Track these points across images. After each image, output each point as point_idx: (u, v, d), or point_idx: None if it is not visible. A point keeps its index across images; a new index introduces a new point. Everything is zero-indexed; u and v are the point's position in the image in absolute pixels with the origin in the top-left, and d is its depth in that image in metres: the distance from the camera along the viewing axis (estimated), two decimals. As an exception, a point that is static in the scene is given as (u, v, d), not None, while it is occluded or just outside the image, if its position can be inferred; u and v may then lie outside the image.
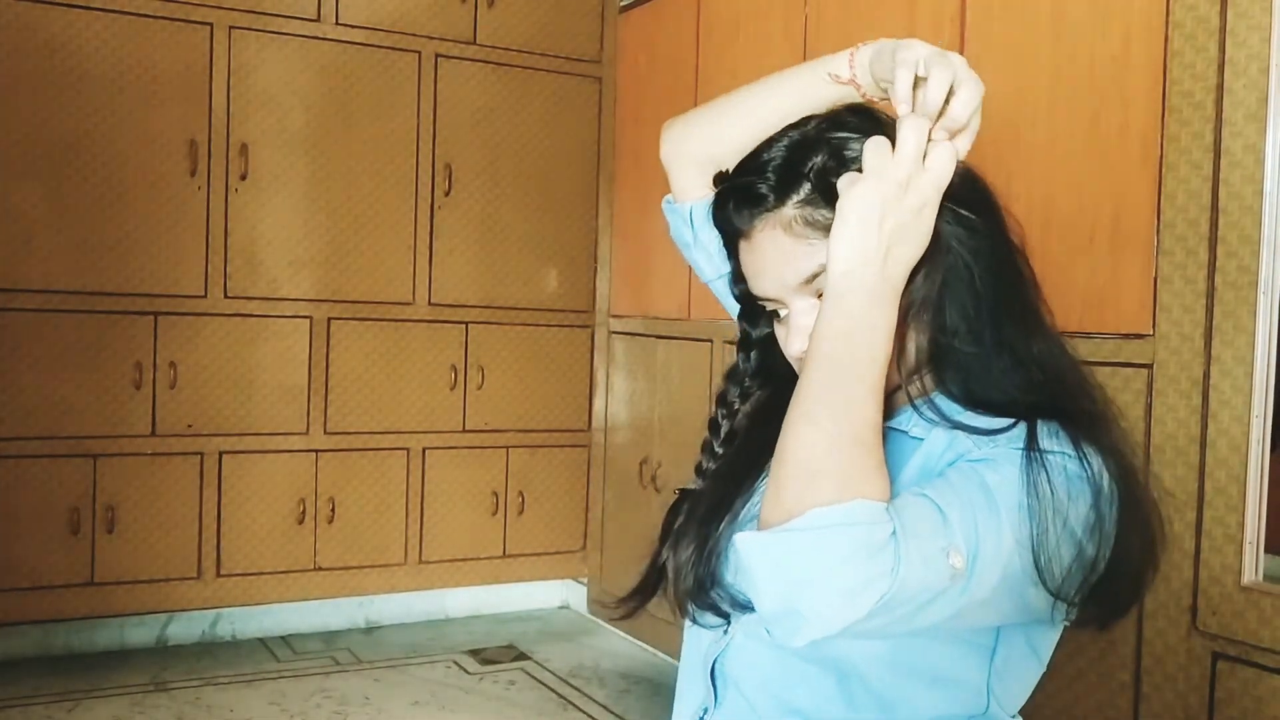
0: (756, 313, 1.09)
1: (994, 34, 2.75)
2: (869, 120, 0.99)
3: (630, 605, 1.14)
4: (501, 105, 4.38)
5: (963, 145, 0.94)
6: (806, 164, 0.97)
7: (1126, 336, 2.40)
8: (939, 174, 0.91)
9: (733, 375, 1.15)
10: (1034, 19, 2.64)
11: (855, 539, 0.81)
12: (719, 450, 1.14)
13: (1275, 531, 2.24)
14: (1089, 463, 0.92)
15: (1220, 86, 2.23)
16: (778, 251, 0.98)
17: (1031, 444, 0.91)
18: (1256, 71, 2.17)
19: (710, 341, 3.80)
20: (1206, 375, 2.25)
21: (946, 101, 0.92)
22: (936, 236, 0.94)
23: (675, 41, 4.05)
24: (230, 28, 3.92)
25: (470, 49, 4.31)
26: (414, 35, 4.21)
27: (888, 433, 0.97)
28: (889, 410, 1.02)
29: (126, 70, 3.78)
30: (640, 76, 4.29)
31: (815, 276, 0.97)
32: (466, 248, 4.35)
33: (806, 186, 0.96)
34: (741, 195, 0.99)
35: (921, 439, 0.98)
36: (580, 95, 4.53)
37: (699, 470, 1.14)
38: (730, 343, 1.21)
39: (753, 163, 1.00)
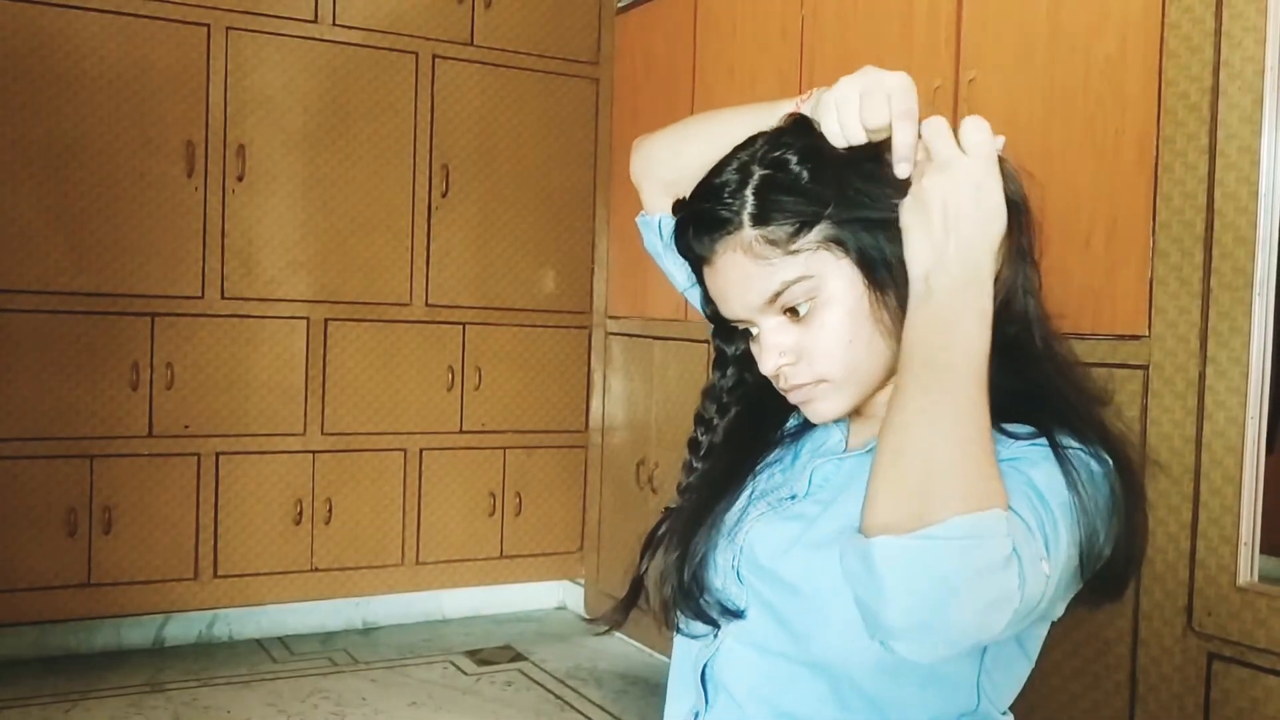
0: (730, 331, 1.09)
1: (990, 36, 2.75)
2: (809, 131, 0.98)
3: (614, 619, 1.13)
4: (499, 106, 4.38)
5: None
6: (754, 182, 0.97)
7: (1122, 338, 2.40)
8: (980, 149, 0.90)
9: (710, 393, 1.15)
10: (1030, 21, 2.64)
11: (994, 552, 0.78)
12: (697, 466, 1.14)
13: (1271, 532, 2.24)
14: (1103, 458, 0.93)
15: (1215, 89, 2.23)
16: (740, 274, 0.98)
17: (1054, 441, 0.92)
18: (1251, 74, 2.17)
19: (707, 343, 3.79)
20: (1202, 376, 2.25)
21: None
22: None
23: (672, 43, 4.06)
24: (227, 28, 3.92)
25: (467, 50, 4.32)
26: (411, 36, 4.21)
27: None
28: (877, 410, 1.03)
29: (123, 71, 3.78)
30: (637, 77, 4.30)
31: (778, 295, 0.97)
32: (464, 248, 4.35)
33: (757, 203, 0.96)
34: (699, 221, 1.00)
35: None
36: (577, 96, 4.53)
37: (681, 489, 1.14)
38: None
39: (707, 187, 1.00)
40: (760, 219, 0.96)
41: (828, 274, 0.96)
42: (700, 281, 1.05)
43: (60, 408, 3.74)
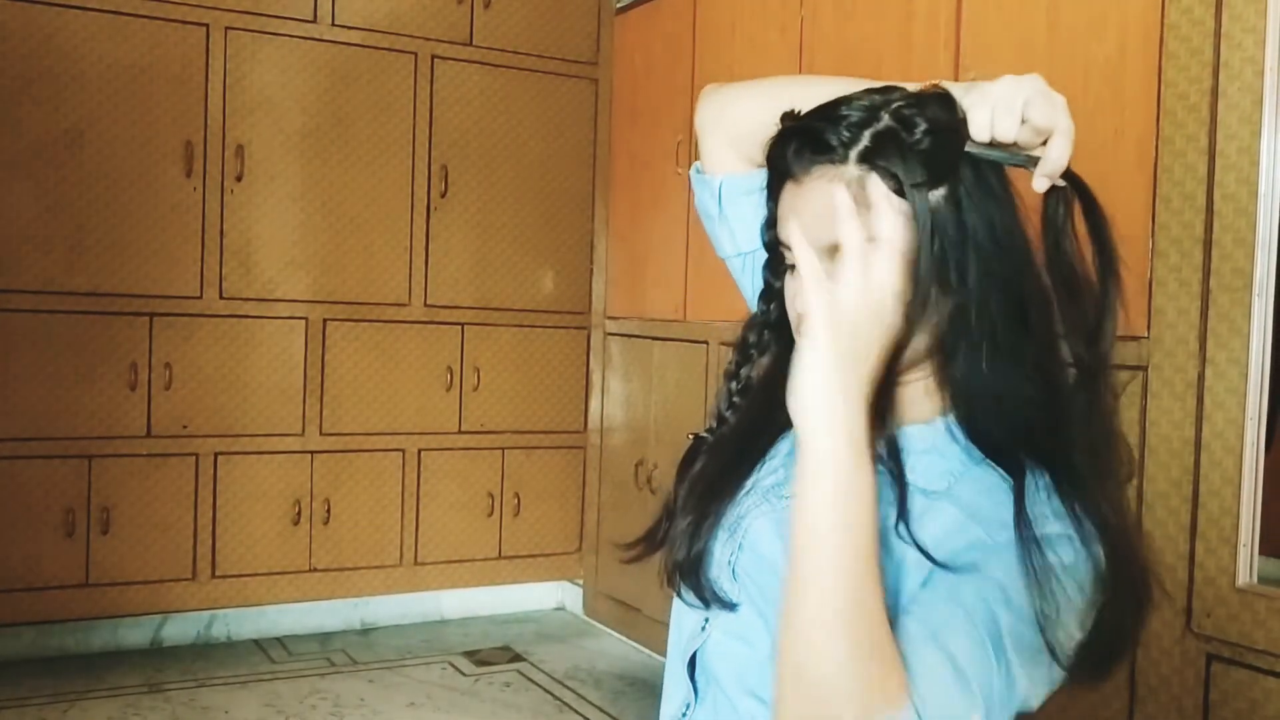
0: (780, 264, 1.06)
1: (989, 37, 2.75)
2: (949, 111, 0.96)
3: (638, 550, 1.11)
4: (498, 106, 4.38)
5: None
6: (878, 125, 0.94)
7: (1121, 339, 2.40)
8: (890, 247, 0.89)
9: (751, 324, 1.13)
10: (1030, 21, 2.64)
11: None
12: (736, 400, 1.12)
13: (1270, 534, 2.24)
14: (1084, 527, 0.90)
15: (1215, 90, 2.23)
16: (823, 206, 0.94)
17: (1023, 527, 0.89)
18: (1251, 74, 2.17)
19: (706, 343, 3.80)
20: (1201, 378, 2.25)
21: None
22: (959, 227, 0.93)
23: (671, 43, 4.06)
24: (226, 28, 3.92)
25: (466, 50, 4.31)
26: (410, 36, 4.21)
27: (905, 454, 0.97)
28: (902, 411, 1.00)
29: (122, 71, 3.78)
30: (636, 78, 4.29)
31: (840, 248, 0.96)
32: (462, 249, 4.35)
33: (872, 146, 0.93)
34: (807, 137, 0.96)
35: (928, 491, 0.96)
36: (576, 96, 4.53)
37: (715, 416, 1.13)
38: (726, 344, 1.20)
39: (829, 110, 0.96)
40: (868, 162, 0.93)
41: (901, 241, 0.92)
42: (772, 197, 1.02)
43: (58, 408, 3.73)
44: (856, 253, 0.87)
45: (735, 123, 1.13)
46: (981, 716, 0.83)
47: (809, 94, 1.01)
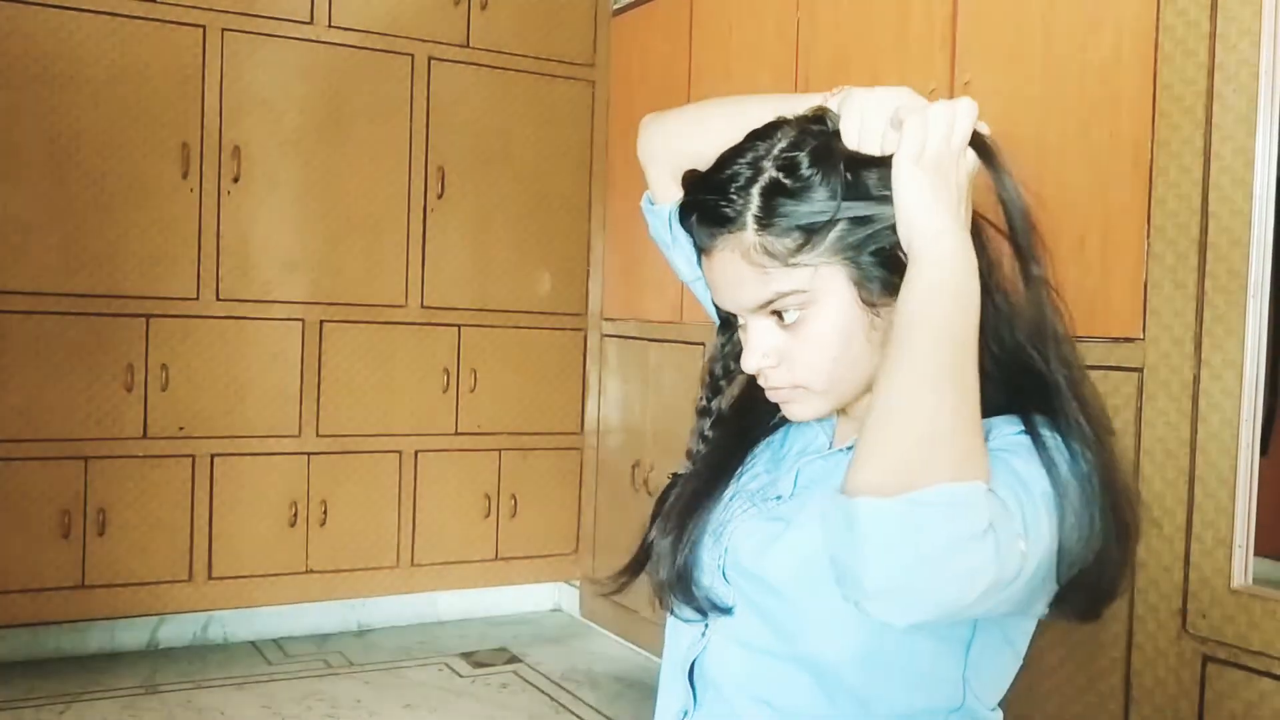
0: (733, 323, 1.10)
1: (985, 38, 2.76)
2: (829, 133, 0.97)
3: (620, 582, 1.13)
4: (494, 108, 4.38)
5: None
6: (763, 182, 0.96)
7: (1117, 340, 2.40)
8: (962, 125, 0.92)
9: (715, 358, 1.16)
10: (1025, 23, 2.65)
11: (975, 522, 0.79)
12: (708, 434, 1.15)
13: (1265, 535, 2.25)
14: (1076, 452, 0.92)
15: (1210, 92, 2.23)
16: (735, 275, 0.98)
17: (1031, 429, 0.92)
18: (1246, 76, 2.18)
19: (702, 345, 3.80)
20: (1197, 379, 2.25)
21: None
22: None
23: (668, 45, 4.06)
24: (223, 30, 3.91)
25: (463, 52, 4.32)
26: (407, 38, 4.21)
27: None
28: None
29: (118, 72, 3.78)
30: (633, 80, 4.30)
31: (769, 303, 0.97)
32: (459, 250, 4.35)
33: (763, 207, 0.95)
34: (703, 211, 0.99)
35: None
36: (573, 98, 4.53)
37: (690, 455, 1.15)
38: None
39: (715, 178, 0.99)
40: (764, 223, 0.95)
41: (823, 290, 0.96)
42: (700, 263, 1.05)
43: (55, 409, 3.73)
44: (943, 105, 0.91)
45: (673, 154, 1.16)
46: (1025, 541, 0.84)
47: (740, 119, 1.03)
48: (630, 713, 3.62)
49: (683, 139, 1.14)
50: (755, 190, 0.96)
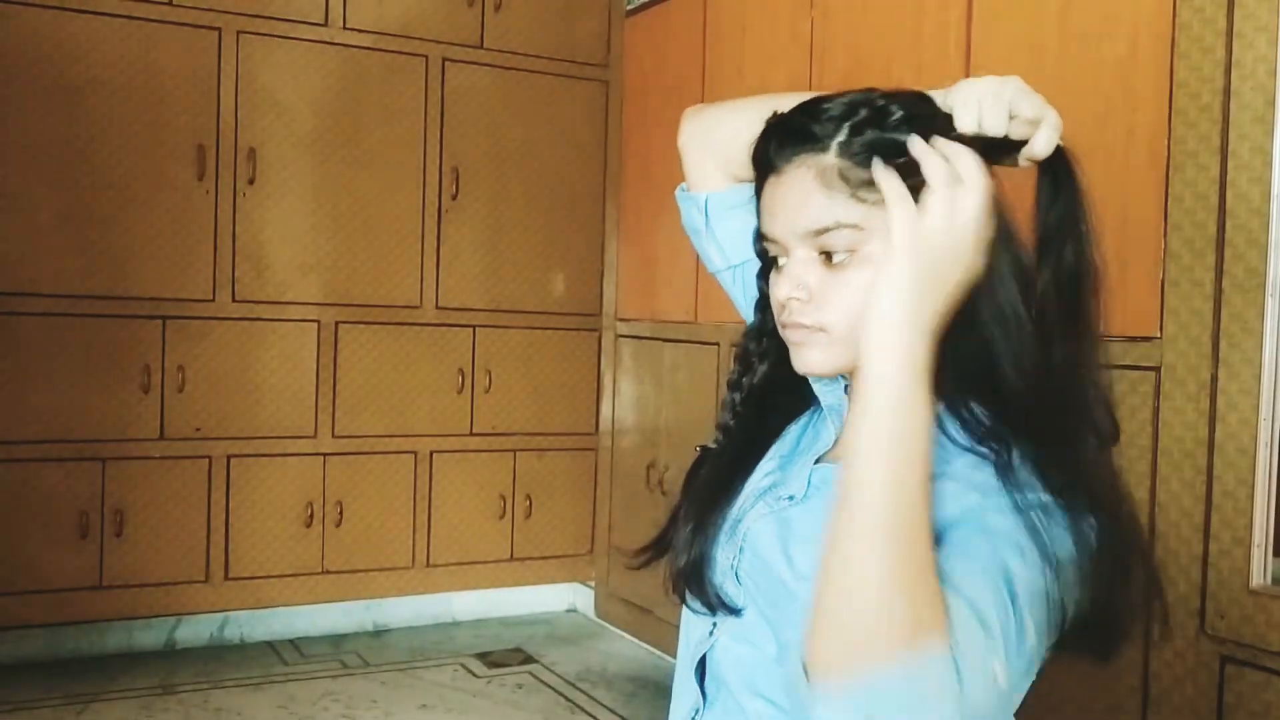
0: (771, 266, 1.08)
1: (1000, 37, 2.75)
2: (926, 101, 0.99)
3: (645, 557, 1.13)
4: (508, 109, 4.39)
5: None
6: (860, 118, 0.97)
7: (1134, 339, 2.39)
8: (976, 189, 0.90)
9: (750, 333, 1.15)
10: (1041, 22, 2.64)
11: (938, 687, 0.78)
12: (740, 409, 1.14)
13: (1284, 535, 2.23)
14: (1074, 499, 0.91)
15: (1227, 89, 2.22)
16: (802, 192, 0.97)
17: (1014, 490, 0.90)
18: (1263, 74, 2.16)
19: (717, 345, 3.80)
20: (1214, 378, 2.24)
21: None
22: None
23: (682, 45, 4.06)
24: (238, 32, 3.93)
25: (477, 53, 4.32)
26: (421, 39, 4.22)
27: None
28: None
29: (135, 75, 3.80)
30: (647, 80, 4.29)
31: (825, 232, 0.96)
32: (474, 251, 4.36)
33: (850, 136, 0.96)
34: (787, 129, 0.99)
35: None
36: (587, 98, 4.54)
37: (720, 427, 1.15)
38: (737, 346, 1.21)
39: (808, 105, 1.00)
40: (846, 150, 0.96)
41: (877, 234, 0.95)
42: (758, 195, 1.04)
43: (72, 411, 3.75)
44: (944, 186, 0.89)
45: (720, 140, 1.17)
46: (1002, 663, 0.83)
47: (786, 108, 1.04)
48: (645, 713, 3.62)
49: (731, 126, 1.15)
50: (847, 123, 0.96)
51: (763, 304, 1.12)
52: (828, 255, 0.97)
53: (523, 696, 3.73)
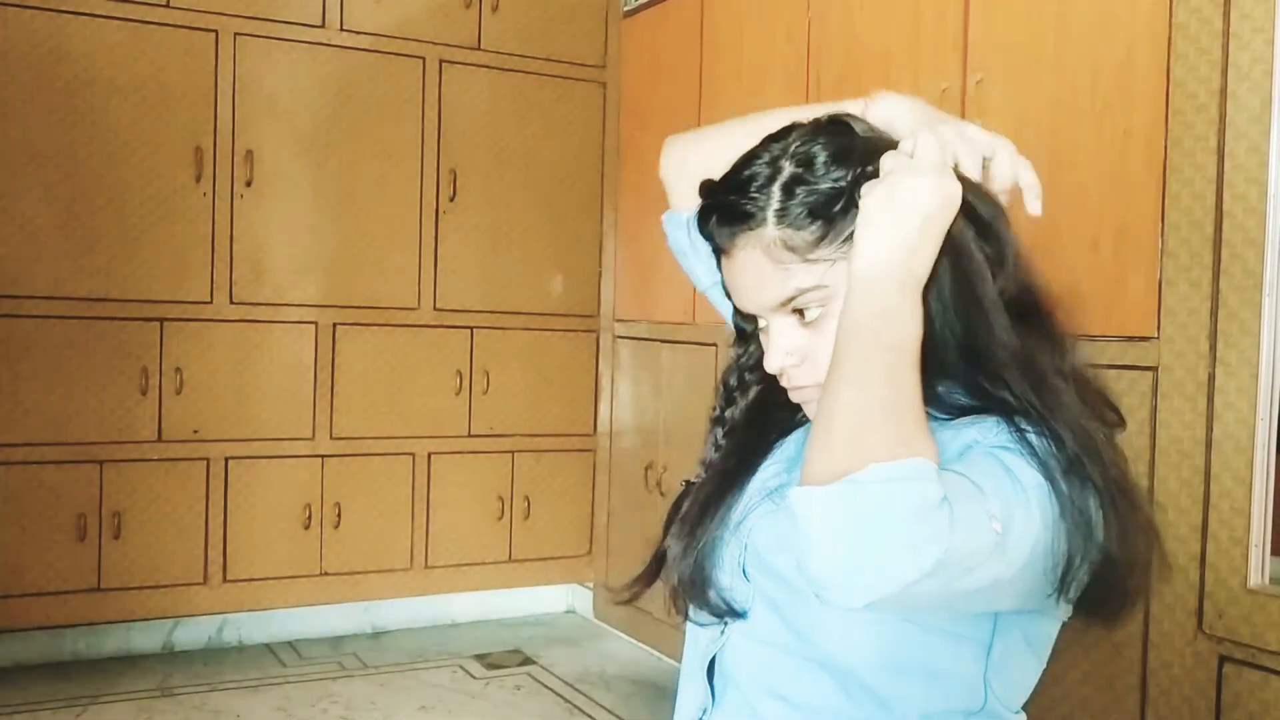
0: (752, 326, 1.11)
1: (997, 37, 2.75)
2: (845, 131, 0.99)
3: (634, 590, 1.14)
4: (506, 110, 4.39)
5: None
6: (782, 178, 0.97)
7: (1131, 339, 2.40)
8: (955, 185, 0.94)
9: (730, 369, 1.17)
10: (1038, 22, 2.64)
11: (917, 494, 0.80)
12: (722, 442, 1.15)
13: (1281, 534, 2.24)
14: (1074, 468, 0.92)
15: (1224, 90, 2.22)
16: (756, 273, 0.99)
17: (1018, 432, 0.92)
18: (1260, 74, 2.17)
19: (715, 346, 3.80)
20: (1212, 378, 2.24)
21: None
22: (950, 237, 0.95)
23: (679, 46, 4.06)
24: (236, 34, 3.93)
25: (475, 55, 4.32)
26: (419, 41, 4.22)
27: None
28: None
29: (132, 77, 3.79)
30: (644, 81, 4.30)
31: (791, 300, 0.98)
32: (471, 253, 4.36)
33: (783, 202, 0.97)
34: (722, 212, 1.00)
35: None
36: (584, 100, 4.54)
37: (703, 463, 1.16)
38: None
39: (734, 178, 1.01)
40: (784, 217, 0.96)
41: (843, 285, 0.95)
42: (719, 267, 1.06)
43: (70, 413, 3.75)
44: (936, 154, 0.94)
45: (695, 164, 1.18)
46: (1001, 526, 0.85)
47: (761, 131, 1.05)
48: (644, 714, 3.62)
49: (704, 154, 1.16)
50: (775, 186, 0.97)
51: (741, 339, 1.15)
52: (801, 313, 0.99)
53: (521, 698, 3.73)
